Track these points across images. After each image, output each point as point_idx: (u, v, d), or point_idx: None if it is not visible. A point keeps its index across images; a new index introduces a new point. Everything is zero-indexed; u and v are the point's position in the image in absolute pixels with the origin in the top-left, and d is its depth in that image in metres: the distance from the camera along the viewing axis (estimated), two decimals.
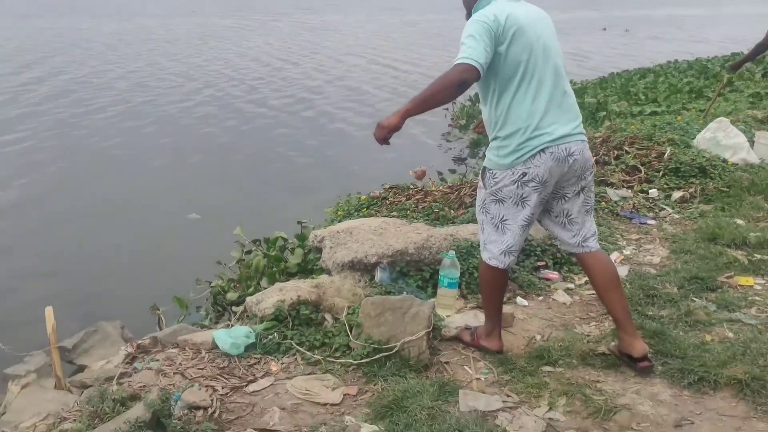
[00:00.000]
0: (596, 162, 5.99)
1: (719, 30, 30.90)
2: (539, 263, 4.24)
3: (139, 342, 3.61)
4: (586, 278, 4.09)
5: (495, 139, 2.90)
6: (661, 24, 36.63)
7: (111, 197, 8.12)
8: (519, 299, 3.88)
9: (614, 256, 4.38)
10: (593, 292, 3.90)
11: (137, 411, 2.49)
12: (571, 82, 3.46)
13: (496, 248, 3.02)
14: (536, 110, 2.80)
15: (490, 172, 2.95)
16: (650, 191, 5.48)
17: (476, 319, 3.55)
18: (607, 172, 5.81)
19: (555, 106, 2.83)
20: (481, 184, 3.04)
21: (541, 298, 3.93)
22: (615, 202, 5.33)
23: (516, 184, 2.86)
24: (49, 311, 3.41)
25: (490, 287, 3.19)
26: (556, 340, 3.39)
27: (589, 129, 7.60)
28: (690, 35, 29.66)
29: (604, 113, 10.16)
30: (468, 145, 10.77)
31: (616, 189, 5.52)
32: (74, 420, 2.77)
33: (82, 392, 3.16)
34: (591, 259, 3.10)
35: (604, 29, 33.08)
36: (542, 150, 2.80)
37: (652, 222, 5.05)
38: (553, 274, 4.16)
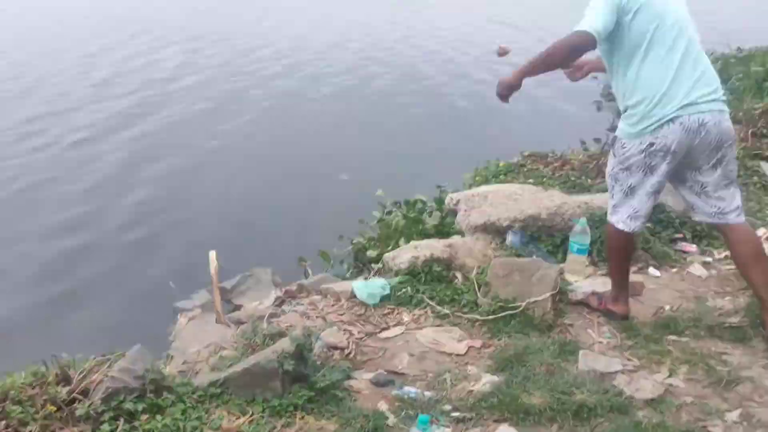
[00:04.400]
0: (753, 134, 5.67)
1: None
2: (677, 235, 4.17)
3: (288, 288, 4.00)
4: (726, 253, 4.00)
5: (625, 109, 2.94)
6: None
7: (277, 157, 8.78)
8: (651, 270, 3.86)
9: (761, 231, 4.20)
10: (733, 266, 3.83)
11: (284, 344, 2.81)
12: (738, 49, 3.27)
13: (623, 212, 3.06)
14: (664, 78, 2.79)
15: (620, 141, 2.99)
16: None
17: (605, 286, 3.58)
18: (763, 145, 5.49)
19: (686, 74, 2.80)
20: (612, 152, 3.08)
21: (675, 270, 3.89)
22: None
23: (644, 154, 2.88)
24: (212, 255, 3.86)
25: (616, 251, 3.24)
26: (685, 311, 3.37)
27: (752, 100, 7.13)
28: None
29: None
30: (618, 115, 10.34)
31: None
32: (231, 349, 3.18)
33: (238, 327, 3.58)
34: (730, 231, 3.04)
35: None
36: (671, 120, 2.78)
37: None
38: (691, 247, 4.08)
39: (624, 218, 3.06)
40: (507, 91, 3.01)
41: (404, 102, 11.70)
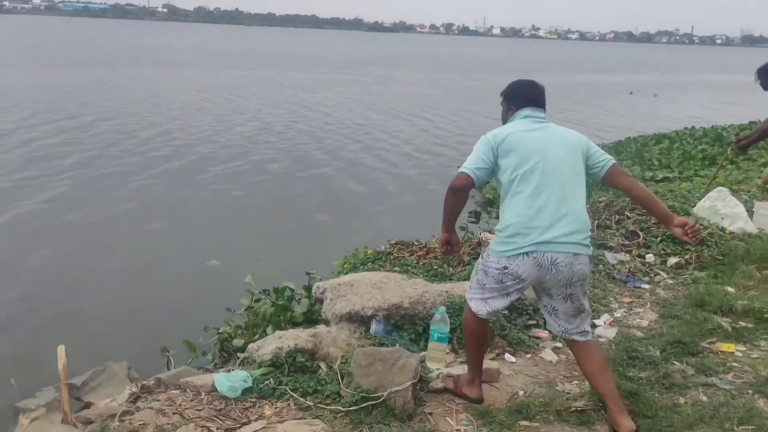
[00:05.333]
0: (597, 226, 6.16)
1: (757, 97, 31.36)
2: (530, 322, 4.40)
3: (144, 382, 3.81)
4: None
5: (497, 230, 3.21)
6: (694, 89, 37.23)
7: (146, 243, 8.47)
8: (507, 356, 4.03)
9: (604, 318, 4.53)
10: None
11: None
12: None
13: (476, 294, 3.29)
14: (526, 215, 3.06)
15: (488, 250, 3.26)
16: (647, 256, 5.64)
17: (464, 372, 3.70)
18: (607, 235, 5.97)
19: (548, 214, 3.05)
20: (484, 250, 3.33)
21: (529, 355, 4.08)
22: (612, 265, 5.49)
23: (498, 272, 3.14)
24: (61, 350, 3.63)
25: (469, 335, 3.43)
26: (537, 396, 3.53)
27: (597, 193, 7.76)
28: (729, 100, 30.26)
29: None
30: (480, 203, 10.86)
31: (614, 252, 5.68)
32: None
33: (87, 427, 3.36)
34: (576, 346, 3.26)
35: (631, 93, 33.41)
36: (526, 253, 3.04)
37: (647, 286, 5.19)
38: (543, 333, 4.31)
39: (477, 299, 3.28)
40: (448, 245, 3.37)
41: (284, 187, 11.79)
